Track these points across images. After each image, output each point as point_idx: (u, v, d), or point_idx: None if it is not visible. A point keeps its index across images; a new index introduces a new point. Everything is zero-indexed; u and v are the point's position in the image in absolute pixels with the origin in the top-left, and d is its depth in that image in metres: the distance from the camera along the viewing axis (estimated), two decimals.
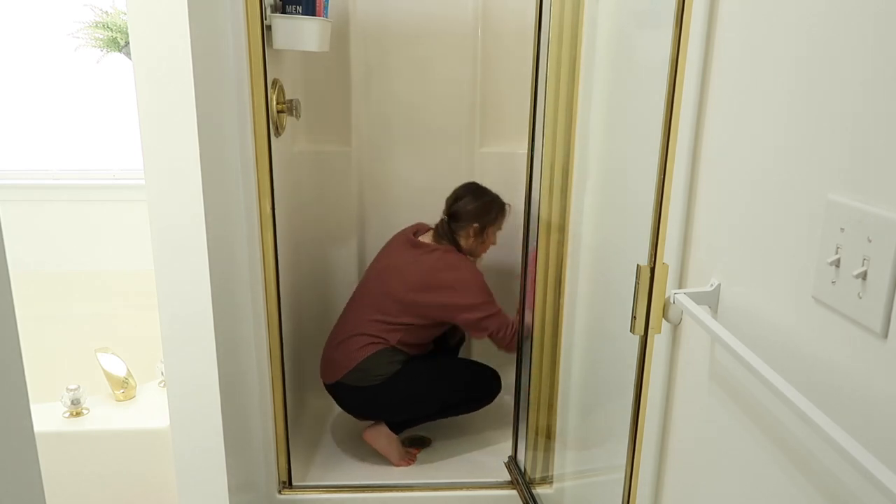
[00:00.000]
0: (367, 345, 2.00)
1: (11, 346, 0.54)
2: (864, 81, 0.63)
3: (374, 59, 2.29)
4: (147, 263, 1.44)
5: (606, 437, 1.42)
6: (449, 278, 1.99)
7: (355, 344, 2.01)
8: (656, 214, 0.98)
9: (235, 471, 1.60)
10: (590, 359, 1.54)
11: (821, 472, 0.70)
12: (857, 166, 0.64)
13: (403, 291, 1.99)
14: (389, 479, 2.00)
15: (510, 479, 1.99)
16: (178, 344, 1.45)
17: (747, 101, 0.84)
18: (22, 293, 0.88)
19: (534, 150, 1.77)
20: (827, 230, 0.68)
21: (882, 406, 0.61)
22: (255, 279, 1.69)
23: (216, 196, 1.44)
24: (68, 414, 1.71)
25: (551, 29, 1.63)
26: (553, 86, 1.64)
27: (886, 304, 0.60)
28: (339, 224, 2.41)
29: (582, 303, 1.59)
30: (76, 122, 2.54)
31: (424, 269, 2.00)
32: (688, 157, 0.98)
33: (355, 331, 2.03)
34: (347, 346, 2.02)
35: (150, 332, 1.73)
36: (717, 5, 0.92)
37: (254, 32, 1.53)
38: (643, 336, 1.03)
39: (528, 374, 1.91)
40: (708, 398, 0.96)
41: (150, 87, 1.31)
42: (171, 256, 1.39)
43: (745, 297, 0.86)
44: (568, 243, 1.67)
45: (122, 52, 2.37)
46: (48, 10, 2.42)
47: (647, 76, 1.18)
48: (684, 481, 1.06)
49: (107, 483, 1.72)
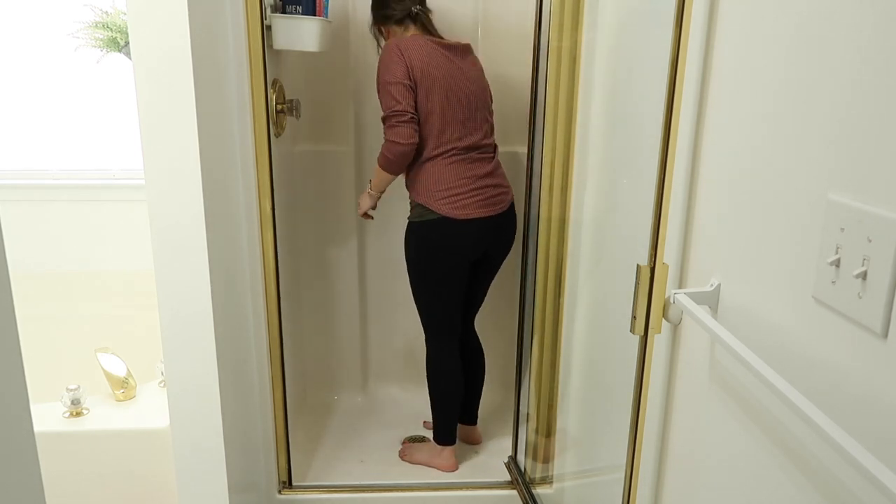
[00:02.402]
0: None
1: (11, 346, 0.54)
2: (865, 81, 0.63)
3: (374, 59, 2.28)
4: (147, 263, 1.44)
5: (606, 437, 1.42)
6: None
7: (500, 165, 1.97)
8: (656, 214, 0.98)
9: (235, 471, 1.60)
10: (590, 359, 1.54)
11: (820, 472, 0.70)
12: (857, 166, 0.64)
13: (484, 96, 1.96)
14: (389, 479, 2.00)
15: (510, 479, 1.99)
16: (178, 344, 1.45)
17: (747, 101, 0.84)
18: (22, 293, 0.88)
19: (534, 150, 1.77)
20: (827, 230, 0.68)
21: (882, 406, 0.61)
22: (255, 279, 1.70)
23: (216, 196, 1.44)
24: (68, 414, 1.71)
25: (551, 29, 1.63)
26: (553, 86, 1.64)
27: (886, 304, 0.60)
28: (339, 224, 2.41)
29: (582, 303, 1.59)
30: (76, 122, 2.53)
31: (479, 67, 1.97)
32: (688, 157, 0.99)
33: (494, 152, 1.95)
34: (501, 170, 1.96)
35: (150, 332, 1.73)
36: (717, 5, 0.92)
37: (254, 32, 1.53)
38: (643, 336, 1.03)
39: (528, 374, 1.91)
40: (708, 398, 0.96)
41: (150, 87, 1.31)
42: (171, 256, 1.39)
43: (745, 297, 0.86)
44: (568, 243, 1.67)
45: (122, 52, 2.37)
46: (48, 10, 2.42)
47: (647, 76, 1.18)
48: (684, 481, 1.06)
49: (107, 483, 1.72)
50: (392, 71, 1.78)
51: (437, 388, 2.03)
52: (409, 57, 1.79)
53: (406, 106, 1.78)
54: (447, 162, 1.85)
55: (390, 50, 1.80)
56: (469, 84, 1.87)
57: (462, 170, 1.86)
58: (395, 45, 1.81)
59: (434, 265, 1.92)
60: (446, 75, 1.82)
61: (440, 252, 1.90)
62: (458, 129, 1.85)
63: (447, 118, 1.83)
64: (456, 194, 1.85)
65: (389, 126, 1.80)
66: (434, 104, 1.81)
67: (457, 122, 1.85)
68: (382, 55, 1.82)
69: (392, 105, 1.78)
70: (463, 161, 1.86)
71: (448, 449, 2.04)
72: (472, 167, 1.88)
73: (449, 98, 1.83)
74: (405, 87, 1.78)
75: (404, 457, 2.07)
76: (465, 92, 1.86)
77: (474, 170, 1.88)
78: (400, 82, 1.77)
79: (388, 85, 1.78)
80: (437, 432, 2.05)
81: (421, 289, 1.97)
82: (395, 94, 1.77)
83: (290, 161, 2.19)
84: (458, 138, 1.86)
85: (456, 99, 1.85)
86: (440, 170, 1.85)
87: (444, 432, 2.04)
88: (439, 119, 1.83)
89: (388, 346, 2.53)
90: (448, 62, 1.84)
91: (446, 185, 1.85)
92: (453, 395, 2.03)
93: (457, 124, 1.85)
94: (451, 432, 2.04)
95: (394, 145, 1.79)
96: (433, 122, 1.82)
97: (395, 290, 2.45)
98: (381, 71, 1.81)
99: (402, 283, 2.42)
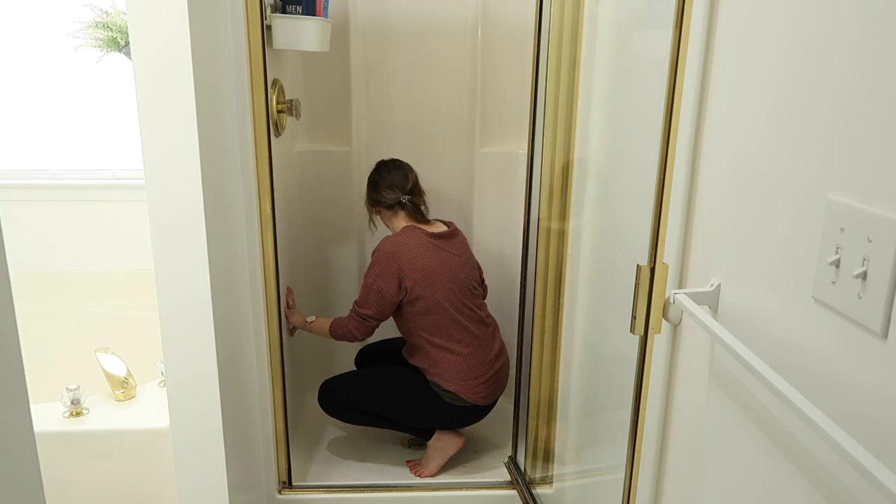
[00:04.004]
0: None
1: (11, 346, 0.54)
2: (864, 81, 0.63)
3: (374, 59, 2.29)
4: (147, 263, 1.44)
5: (606, 436, 1.42)
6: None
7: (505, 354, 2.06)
8: (656, 214, 0.98)
9: (235, 471, 1.60)
10: (590, 359, 1.54)
11: (820, 472, 0.70)
12: (858, 166, 0.64)
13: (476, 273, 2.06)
14: (389, 479, 2.00)
15: (510, 479, 1.99)
16: (177, 343, 1.45)
17: (747, 100, 0.84)
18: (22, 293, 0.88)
19: (534, 150, 1.77)
20: (827, 230, 0.68)
21: (882, 406, 0.61)
22: (255, 279, 1.70)
23: (216, 196, 1.44)
24: (68, 414, 1.71)
25: (551, 29, 1.63)
26: (553, 86, 1.64)
27: (886, 304, 0.60)
28: (339, 224, 2.41)
29: (582, 303, 1.59)
30: (76, 122, 2.53)
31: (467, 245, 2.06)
32: (688, 157, 0.99)
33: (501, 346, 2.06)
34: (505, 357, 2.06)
35: (150, 332, 1.73)
36: (717, 5, 0.92)
37: (254, 32, 1.53)
38: (643, 336, 1.03)
39: (528, 375, 1.91)
40: (708, 398, 0.96)
41: (150, 87, 1.31)
42: (171, 256, 1.39)
43: (745, 297, 0.86)
44: (568, 243, 1.67)
45: (122, 52, 2.37)
46: (48, 10, 2.42)
47: (647, 76, 1.18)
48: (684, 481, 1.06)
49: (107, 483, 1.72)
50: (377, 274, 1.88)
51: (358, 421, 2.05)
52: (401, 266, 1.87)
53: (375, 313, 1.91)
54: (468, 350, 1.93)
55: (385, 255, 1.88)
56: (464, 268, 1.97)
57: (486, 351, 1.97)
58: (389, 251, 1.88)
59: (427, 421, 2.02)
60: (440, 270, 1.91)
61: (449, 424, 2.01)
62: (463, 314, 1.94)
63: (451, 308, 1.91)
64: (486, 381, 1.95)
65: (353, 316, 1.94)
66: (432, 301, 1.89)
67: (463, 307, 1.94)
68: (379, 256, 1.90)
69: (364, 305, 1.91)
70: (480, 347, 1.96)
71: (437, 435, 2.03)
72: (489, 347, 1.99)
73: (453, 286, 1.92)
74: (382, 299, 1.89)
75: (423, 474, 2.02)
76: (462, 276, 1.95)
77: (490, 350, 1.99)
78: (380, 292, 1.88)
79: (368, 287, 1.90)
80: (417, 435, 2.08)
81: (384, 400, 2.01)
82: (372, 299, 1.89)
83: (290, 161, 2.19)
84: (467, 325, 1.94)
85: (461, 283, 1.95)
86: (465, 360, 1.93)
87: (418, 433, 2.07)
88: (444, 312, 1.90)
89: None
90: (442, 252, 1.93)
91: (475, 372, 1.94)
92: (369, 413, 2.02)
93: (460, 310, 1.93)
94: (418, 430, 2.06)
95: (344, 331, 1.96)
96: (439, 315, 1.91)
97: None
98: (373, 268, 1.90)
99: None
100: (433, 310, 1.90)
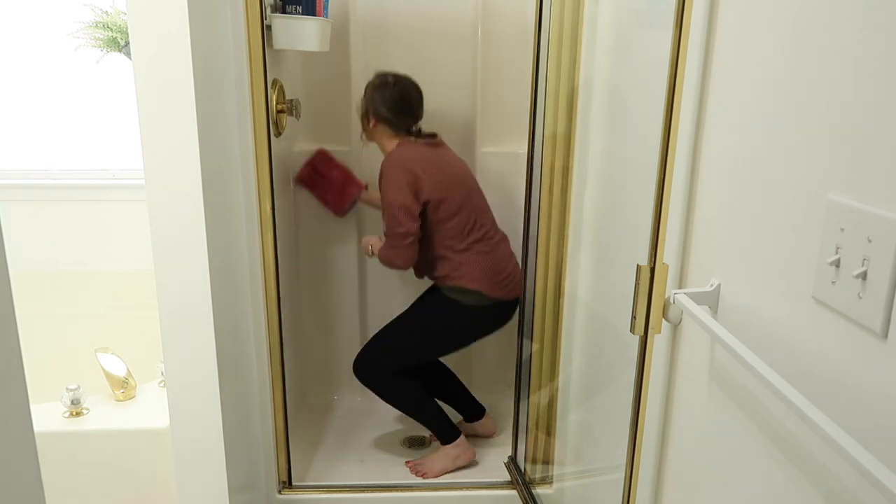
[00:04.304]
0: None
1: (11, 346, 0.54)
2: (865, 81, 0.63)
3: (374, 59, 2.29)
4: (147, 263, 1.44)
5: (606, 437, 1.42)
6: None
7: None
8: (656, 214, 0.98)
9: (235, 471, 1.60)
10: (590, 359, 1.54)
11: (820, 472, 0.70)
12: (857, 166, 0.64)
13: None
14: (389, 479, 2.00)
15: (510, 479, 1.99)
16: (177, 343, 1.45)
17: (747, 100, 0.84)
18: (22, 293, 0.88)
19: (534, 150, 1.77)
20: (827, 230, 0.68)
21: (882, 406, 0.61)
22: (255, 279, 1.70)
23: (216, 196, 1.44)
24: (68, 414, 1.71)
25: (551, 29, 1.63)
26: (553, 86, 1.64)
27: (886, 304, 0.60)
28: (339, 224, 2.41)
29: (582, 303, 1.59)
30: (76, 122, 2.53)
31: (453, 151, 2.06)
32: (688, 157, 0.99)
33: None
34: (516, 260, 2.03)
35: (150, 332, 1.73)
36: (717, 5, 0.92)
37: (254, 32, 1.53)
38: (643, 336, 1.03)
39: (528, 374, 1.91)
40: (708, 398, 0.96)
41: (149, 87, 1.31)
42: (171, 256, 1.39)
43: (745, 297, 0.86)
44: (568, 243, 1.67)
45: (122, 52, 2.37)
46: (48, 10, 2.42)
47: (647, 76, 1.18)
48: (684, 481, 1.06)
49: (107, 483, 1.72)
50: (396, 192, 1.85)
51: (397, 400, 2.04)
52: (415, 173, 1.85)
53: (408, 229, 1.86)
54: (488, 248, 1.95)
55: (396, 169, 1.87)
56: (467, 169, 2.01)
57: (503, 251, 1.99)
58: (399, 165, 1.87)
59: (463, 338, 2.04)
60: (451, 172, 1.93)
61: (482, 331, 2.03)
62: (480, 215, 1.96)
63: (470, 208, 1.93)
64: (505, 278, 1.96)
65: (391, 246, 1.90)
66: (455, 202, 1.90)
67: (476, 209, 1.95)
68: (387, 174, 1.88)
69: (394, 227, 1.87)
70: (498, 245, 1.98)
71: (459, 441, 2.02)
72: (504, 247, 2.01)
73: (462, 190, 1.93)
74: (408, 212, 1.85)
75: (425, 475, 2.01)
76: (471, 175, 1.99)
77: (506, 250, 2.01)
78: (404, 206, 1.85)
79: (391, 207, 1.86)
80: (440, 435, 2.04)
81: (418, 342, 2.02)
82: (399, 216, 1.85)
83: (290, 161, 2.19)
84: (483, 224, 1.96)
85: (472, 181, 1.98)
86: (486, 258, 1.94)
87: (445, 430, 2.03)
88: (466, 211, 1.92)
89: None
90: (446, 156, 1.96)
91: (496, 269, 1.95)
92: (417, 396, 2.03)
93: (477, 211, 1.95)
94: (449, 427, 2.03)
95: (391, 264, 1.94)
96: (462, 215, 1.91)
97: (395, 290, 2.45)
98: (387, 192, 1.87)
99: (402, 283, 2.43)
100: (456, 211, 1.90)
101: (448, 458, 2.02)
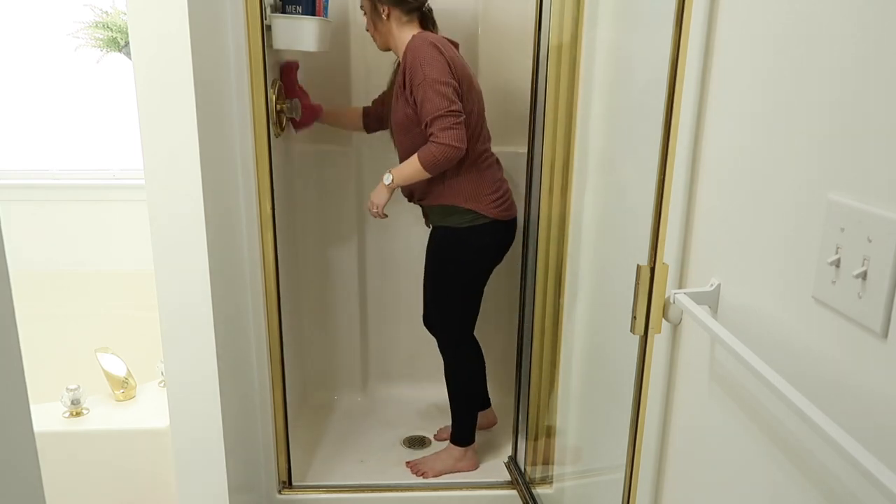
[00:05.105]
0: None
1: (11, 346, 0.54)
2: (865, 81, 0.63)
3: (374, 59, 2.28)
4: (147, 263, 1.44)
5: (606, 437, 1.42)
6: None
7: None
8: (656, 214, 0.98)
9: (235, 471, 1.60)
10: (590, 359, 1.54)
11: (820, 472, 0.70)
12: (857, 166, 0.64)
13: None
14: (389, 479, 2.00)
15: (510, 479, 1.99)
16: (177, 343, 1.45)
17: (747, 100, 0.84)
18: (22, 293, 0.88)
19: (534, 150, 1.77)
20: (827, 230, 0.68)
21: (882, 406, 0.61)
22: (255, 279, 1.70)
23: (216, 196, 1.44)
24: (68, 414, 1.71)
25: (551, 29, 1.63)
26: (553, 86, 1.64)
27: (886, 304, 0.60)
28: (339, 224, 2.41)
29: (582, 303, 1.59)
30: (76, 122, 2.53)
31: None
32: (688, 157, 0.98)
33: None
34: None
35: (150, 332, 1.73)
36: (716, 5, 0.92)
37: (254, 32, 1.53)
38: (643, 336, 1.03)
39: (528, 374, 1.91)
40: (708, 398, 0.96)
41: (149, 87, 1.31)
42: (171, 256, 1.39)
43: (744, 296, 0.86)
44: (568, 243, 1.67)
45: (122, 52, 2.37)
46: (48, 10, 2.42)
47: (647, 75, 1.18)
48: (684, 481, 1.06)
49: (107, 483, 1.72)
50: (439, 69, 1.67)
51: (464, 391, 2.02)
52: (448, 56, 1.70)
53: (461, 107, 1.69)
54: (486, 164, 1.86)
55: (429, 46, 1.69)
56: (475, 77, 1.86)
57: (497, 170, 1.89)
58: (431, 42, 1.70)
59: (481, 269, 1.94)
60: (469, 72, 1.78)
61: (489, 254, 1.92)
62: (485, 128, 1.86)
63: (482, 118, 1.82)
64: (500, 196, 1.86)
65: (443, 128, 1.67)
66: (472, 104, 1.76)
67: (485, 122, 1.85)
68: (420, 52, 1.69)
69: (446, 105, 1.66)
70: (495, 161, 1.90)
71: (471, 449, 2.03)
72: (500, 167, 1.91)
73: (476, 96, 1.79)
74: (454, 89, 1.68)
75: (425, 475, 2.00)
76: (479, 88, 1.84)
77: (500, 170, 1.91)
78: (449, 82, 1.67)
79: (437, 84, 1.66)
80: (459, 435, 2.03)
81: (460, 294, 1.96)
82: (447, 93, 1.66)
83: (290, 161, 2.19)
84: (488, 138, 1.87)
85: (479, 97, 1.82)
86: (483, 173, 1.84)
87: (467, 433, 2.03)
88: (477, 119, 1.80)
89: (388, 346, 2.53)
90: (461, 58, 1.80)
91: (492, 188, 1.85)
92: (477, 397, 2.04)
93: (485, 123, 1.85)
94: (472, 433, 2.04)
95: (449, 149, 1.68)
96: (472, 123, 1.77)
97: (395, 290, 2.45)
98: (423, 68, 1.67)
99: (403, 283, 2.43)
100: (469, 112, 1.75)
101: (451, 459, 2.02)
